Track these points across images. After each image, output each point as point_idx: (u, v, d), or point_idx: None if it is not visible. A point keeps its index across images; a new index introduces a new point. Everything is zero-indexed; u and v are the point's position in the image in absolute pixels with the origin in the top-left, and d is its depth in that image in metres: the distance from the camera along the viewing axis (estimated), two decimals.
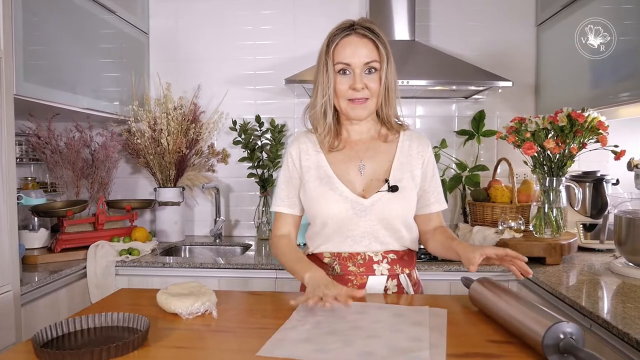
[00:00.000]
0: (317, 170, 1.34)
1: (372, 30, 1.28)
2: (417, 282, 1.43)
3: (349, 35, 1.27)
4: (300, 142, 1.39)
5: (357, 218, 1.29)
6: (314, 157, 1.35)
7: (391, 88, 1.30)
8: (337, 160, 1.34)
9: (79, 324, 1.02)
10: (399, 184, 1.30)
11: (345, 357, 0.87)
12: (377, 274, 1.31)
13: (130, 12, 2.54)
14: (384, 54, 1.27)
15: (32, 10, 1.80)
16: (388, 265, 1.32)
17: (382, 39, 1.28)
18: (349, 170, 1.33)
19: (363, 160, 1.34)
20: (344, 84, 1.27)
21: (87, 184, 2.44)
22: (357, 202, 1.29)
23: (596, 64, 2.07)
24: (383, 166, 1.34)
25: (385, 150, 1.36)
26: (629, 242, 1.77)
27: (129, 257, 2.14)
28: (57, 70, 1.99)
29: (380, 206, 1.28)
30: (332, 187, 1.30)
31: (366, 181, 1.32)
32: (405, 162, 1.34)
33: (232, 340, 0.99)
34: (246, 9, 2.71)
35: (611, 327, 1.28)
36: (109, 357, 0.87)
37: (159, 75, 2.71)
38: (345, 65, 1.26)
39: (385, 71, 1.27)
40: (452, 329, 1.03)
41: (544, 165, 2.04)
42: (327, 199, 1.29)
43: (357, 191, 1.31)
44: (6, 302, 1.56)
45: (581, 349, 0.81)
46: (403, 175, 1.32)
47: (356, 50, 1.25)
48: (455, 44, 2.64)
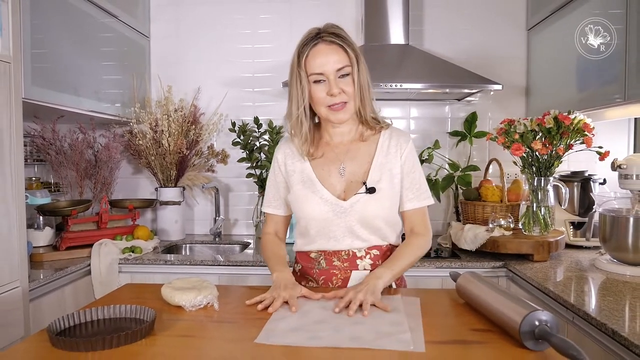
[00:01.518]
0: (301, 174, 1.40)
1: (339, 35, 1.31)
2: (400, 276, 1.49)
3: (317, 44, 1.30)
4: (285, 147, 1.46)
5: (337, 219, 1.35)
6: (299, 161, 1.42)
7: (364, 88, 1.34)
8: (320, 163, 1.40)
9: (90, 316, 1.09)
10: (377, 184, 1.35)
11: (338, 342, 0.95)
12: (360, 269, 1.38)
13: (131, 16, 2.60)
14: (353, 57, 1.30)
15: (38, 16, 1.87)
16: (371, 261, 1.38)
17: (350, 42, 1.32)
18: (330, 174, 1.39)
19: (343, 162, 1.39)
20: (320, 91, 1.31)
21: (91, 184, 2.51)
22: (336, 205, 1.35)
23: (583, 68, 2.14)
24: (362, 167, 1.39)
25: (365, 151, 1.41)
26: (613, 240, 1.85)
27: (132, 255, 2.21)
28: (61, 74, 2.06)
29: (358, 207, 1.34)
30: (314, 190, 1.37)
31: (346, 183, 1.38)
32: (384, 161, 1.39)
33: (233, 330, 1.06)
34: (245, 14, 2.78)
35: (590, 319, 1.35)
36: (119, 345, 0.94)
37: (159, 78, 2.77)
38: (319, 74, 1.29)
39: (358, 73, 1.31)
40: (437, 318, 1.11)
41: (533, 166, 2.12)
42: (309, 201, 1.36)
43: (337, 193, 1.37)
44: (16, 297, 1.63)
45: (554, 334, 0.88)
46: (382, 176, 1.37)
47: (327, 58, 1.29)
48: (448, 47, 2.71)
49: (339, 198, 1.36)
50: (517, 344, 0.94)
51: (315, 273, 1.41)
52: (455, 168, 2.66)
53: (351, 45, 1.31)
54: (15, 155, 1.64)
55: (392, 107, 2.77)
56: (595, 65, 2.03)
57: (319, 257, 1.41)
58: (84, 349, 0.92)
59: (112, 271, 2.15)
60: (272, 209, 1.49)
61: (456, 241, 2.26)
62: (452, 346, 0.96)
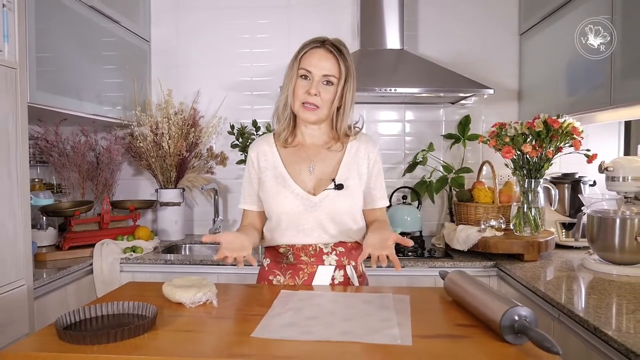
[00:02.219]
0: (273, 171, 1.49)
1: (340, 49, 1.42)
2: (363, 274, 1.58)
3: (318, 47, 1.42)
4: (258, 145, 1.55)
5: (307, 213, 1.44)
6: (271, 158, 1.51)
7: (347, 104, 1.45)
8: (291, 161, 1.49)
9: (94, 312, 1.14)
10: (345, 182, 1.45)
11: (329, 336, 1.00)
12: (326, 264, 1.46)
13: (132, 21, 2.66)
14: (343, 72, 1.41)
15: (43, 23, 1.93)
16: (336, 257, 1.47)
17: (346, 58, 1.42)
18: (301, 171, 1.48)
19: (313, 162, 1.48)
20: (302, 87, 1.42)
21: (92, 185, 2.56)
22: (307, 199, 1.44)
23: (572, 73, 2.20)
24: (331, 167, 1.48)
25: (334, 154, 1.51)
26: (600, 240, 1.90)
27: (133, 255, 2.27)
28: (64, 78, 2.11)
29: (327, 202, 1.43)
30: (285, 186, 1.46)
31: (316, 180, 1.47)
32: (352, 162, 1.49)
33: (230, 325, 1.12)
34: (243, 19, 2.84)
35: (574, 316, 1.41)
36: (123, 338, 1.00)
37: (160, 82, 2.83)
38: (307, 71, 1.41)
39: (343, 87, 1.42)
40: (425, 315, 1.17)
41: (523, 168, 2.17)
42: (281, 196, 1.45)
43: (307, 189, 1.46)
44: (21, 295, 1.69)
45: (532, 329, 0.94)
46: (350, 175, 1.47)
47: (319, 62, 1.40)
48: (443, 51, 2.77)
49: (309, 193, 1.45)
50: (498, 338, 1.00)
51: (283, 267, 1.49)
52: (448, 170, 2.72)
53: (347, 62, 1.42)
54: (20, 157, 1.70)
55: (387, 110, 2.83)
56: (583, 70, 2.09)
57: (287, 252, 1.48)
58: (89, 342, 0.97)
59: (114, 270, 2.21)
60: (248, 205, 1.57)
61: (449, 241, 2.31)
62: (437, 340, 1.01)
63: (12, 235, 1.66)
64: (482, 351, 0.95)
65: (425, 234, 2.72)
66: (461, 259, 2.19)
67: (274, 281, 1.51)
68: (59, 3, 2.05)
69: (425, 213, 2.76)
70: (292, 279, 1.47)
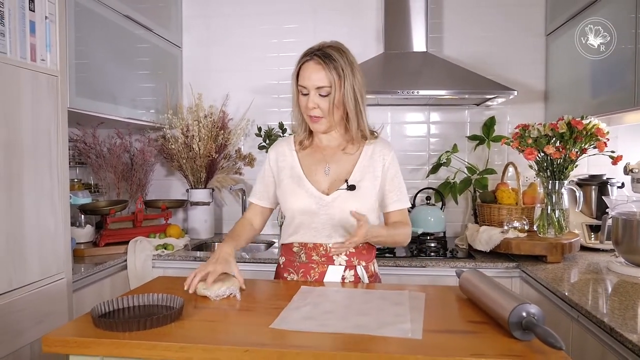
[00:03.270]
0: (290, 170, 1.56)
1: (329, 55, 1.43)
2: (375, 274, 1.61)
3: (308, 60, 1.45)
4: (278, 146, 1.63)
5: (319, 212, 1.50)
6: (289, 159, 1.58)
7: (349, 106, 1.46)
8: (308, 162, 1.56)
9: (126, 302, 1.23)
10: (358, 184, 1.50)
11: (344, 329, 1.06)
12: (336, 264, 1.51)
13: (165, 28, 2.78)
14: (335, 80, 1.42)
15: (81, 32, 2.05)
16: (346, 257, 1.52)
17: (336, 65, 1.42)
18: (316, 172, 1.54)
19: (329, 163, 1.54)
20: (303, 101, 1.48)
21: (127, 185, 2.69)
22: (320, 198, 1.49)
23: (597, 73, 2.18)
24: (346, 169, 1.53)
25: (350, 156, 1.56)
26: (625, 242, 1.89)
27: (165, 252, 2.37)
28: (101, 84, 2.24)
29: (339, 202, 1.48)
30: (300, 185, 1.52)
31: (331, 181, 1.52)
32: (367, 164, 1.54)
33: (252, 317, 1.19)
34: (271, 24, 2.92)
35: (591, 317, 1.42)
36: (152, 327, 1.08)
37: (191, 86, 2.94)
38: (303, 87, 1.46)
39: (339, 93, 1.44)
40: (438, 311, 1.21)
41: (547, 170, 2.17)
42: (295, 194, 1.52)
43: (321, 189, 1.51)
44: (61, 288, 1.80)
45: (539, 325, 0.97)
46: (364, 176, 1.51)
47: (310, 76, 1.43)
48: (468, 53, 2.78)
49: (323, 193, 1.50)
50: (507, 334, 1.03)
51: (296, 266, 1.55)
52: (472, 171, 2.72)
53: (337, 68, 1.42)
54: (61, 159, 1.81)
55: (412, 111, 2.85)
56: (608, 71, 2.08)
57: (300, 251, 1.55)
58: (121, 329, 1.06)
59: (147, 266, 2.32)
60: (256, 200, 1.66)
61: (472, 242, 2.33)
62: (447, 335, 1.05)
63: (53, 232, 1.78)
64: (490, 346, 0.99)
65: (450, 235, 2.73)
66: (483, 259, 2.20)
67: (287, 279, 1.57)
68: (95, 13, 2.17)
69: (449, 214, 2.77)
70: (304, 277, 1.53)
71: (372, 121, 1.60)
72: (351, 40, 2.76)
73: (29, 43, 1.66)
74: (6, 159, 1.55)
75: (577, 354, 1.55)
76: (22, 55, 1.63)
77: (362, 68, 1.50)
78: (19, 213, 1.61)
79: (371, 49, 2.80)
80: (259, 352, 0.97)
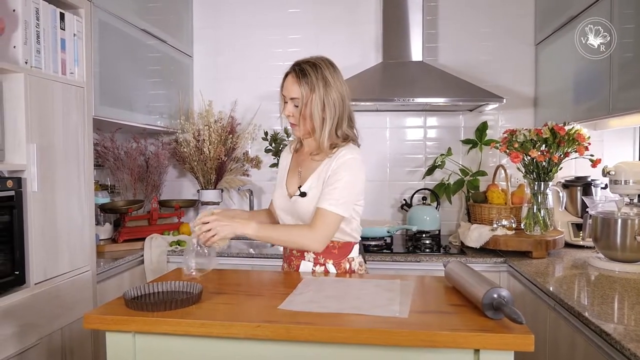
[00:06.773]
0: (282, 171, 1.77)
1: (303, 70, 1.56)
2: (355, 271, 1.70)
3: (289, 73, 1.61)
4: (285, 149, 1.84)
5: (289, 210, 1.68)
6: (285, 161, 1.79)
7: (315, 120, 1.56)
8: (293, 165, 1.75)
9: (153, 288, 1.41)
10: (310, 190, 1.62)
11: (341, 310, 1.23)
12: (306, 261, 1.68)
13: (177, 39, 2.96)
14: (305, 94, 1.54)
15: (104, 46, 2.24)
16: (313, 255, 1.67)
17: (308, 80, 1.54)
18: (294, 175, 1.72)
19: (301, 167, 1.70)
20: (284, 109, 1.64)
21: (142, 186, 2.88)
22: (287, 199, 1.69)
23: (581, 81, 2.35)
24: (309, 174, 1.66)
25: (315, 163, 1.65)
26: (603, 239, 2.05)
27: (178, 248, 2.56)
28: (120, 93, 2.42)
29: (296, 206, 1.64)
30: (280, 185, 1.73)
31: (298, 184, 1.67)
32: (322, 171, 1.62)
33: (262, 301, 1.36)
34: (276, 34, 3.11)
35: (563, 304, 1.59)
36: (176, 308, 1.26)
37: (201, 93, 3.13)
38: (283, 96, 1.63)
39: (308, 106, 1.55)
40: (424, 296, 1.38)
41: (533, 172, 2.34)
42: (276, 192, 1.75)
43: (290, 191, 1.70)
44: (87, 279, 1.99)
45: (507, 305, 1.14)
46: (316, 183, 1.62)
47: (288, 86, 1.60)
48: (461, 62, 2.95)
49: (290, 195, 1.68)
50: (482, 314, 1.20)
51: (286, 257, 1.75)
52: (465, 173, 2.89)
53: (309, 83, 1.54)
54: (87, 162, 2.00)
55: (410, 117, 3.03)
56: (587, 80, 2.24)
57: None
58: (150, 310, 1.24)
59: (162, 261, 2.50)
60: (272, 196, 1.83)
61: (463, 239, 2.50)
62: (429, 314, 1.23)
63: (80, 228, 1.96)
64: (465, 324, 1.16)
65: (444, 233, 2.90)
66: (474, 255, 2.37)
67: (285, 267, 1.77)
68: (115, 28, 2.36)
69: (444, 213, 2.94)
70: (289, 268, 1.73)
71: (371, 126, 1.76)
72: (351, 50, 3.00)
73: (60, 58, 1.85)
74: (43, 162, 1.73)
75: (552, 339, 1.72)
76: (54, 70, 1.82)
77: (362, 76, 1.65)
78: (52, 210, 1.79)
79: (370, 58, 2.97)
80: (269, 327, 1.15)
